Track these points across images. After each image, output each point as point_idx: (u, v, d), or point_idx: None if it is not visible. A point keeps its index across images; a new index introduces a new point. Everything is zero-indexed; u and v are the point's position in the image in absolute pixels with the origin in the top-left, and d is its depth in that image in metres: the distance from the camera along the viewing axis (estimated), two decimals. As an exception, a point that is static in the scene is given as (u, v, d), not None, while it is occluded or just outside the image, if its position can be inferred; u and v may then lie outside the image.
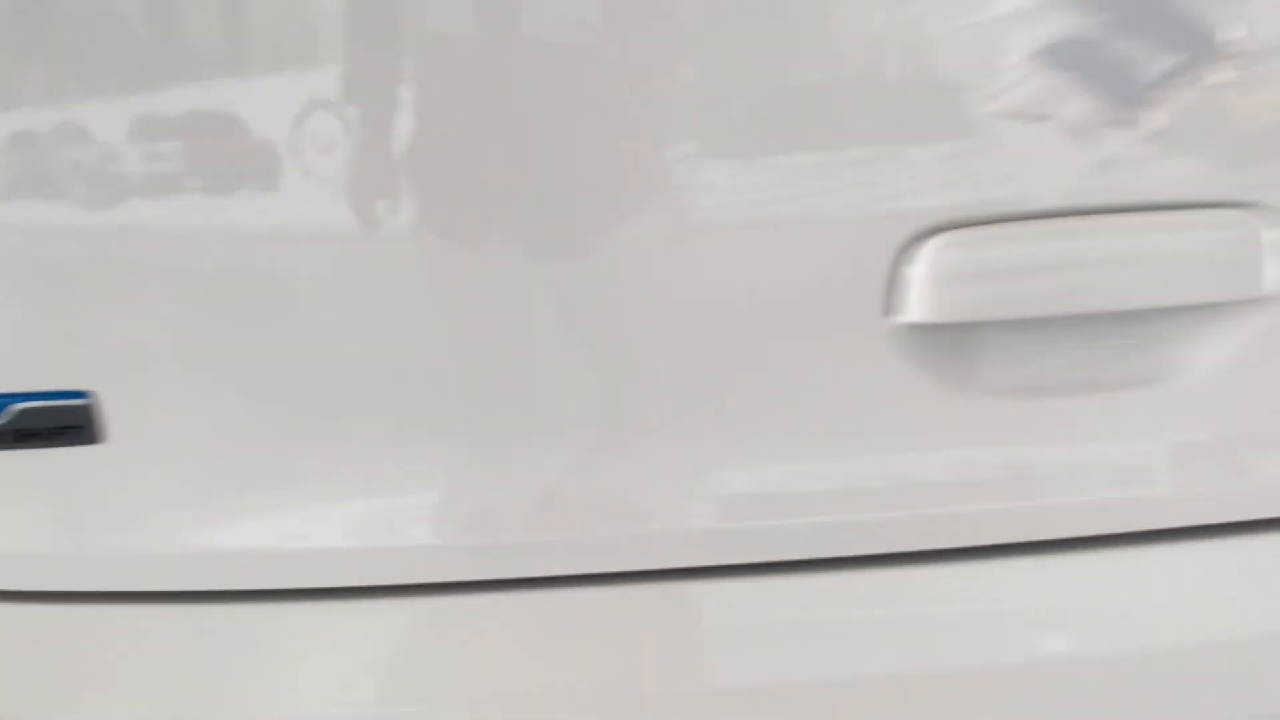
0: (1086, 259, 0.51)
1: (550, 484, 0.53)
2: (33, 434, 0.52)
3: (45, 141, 0.49)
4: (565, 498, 0.54)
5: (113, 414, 0.52)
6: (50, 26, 0.47)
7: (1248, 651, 0.56)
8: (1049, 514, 0.55)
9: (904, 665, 0.55)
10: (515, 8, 0.47)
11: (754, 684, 0.55)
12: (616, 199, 0.49)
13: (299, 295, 0.51)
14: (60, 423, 0.52)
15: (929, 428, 0.53)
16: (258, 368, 0.52)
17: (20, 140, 0.49)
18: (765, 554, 0.55)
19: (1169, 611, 0.56)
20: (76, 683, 0.56)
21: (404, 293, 0.51)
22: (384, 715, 0.56)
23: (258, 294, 0.51)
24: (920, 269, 0.50)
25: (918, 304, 0.50)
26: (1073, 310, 0.51)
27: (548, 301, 0.51)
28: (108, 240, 0.50)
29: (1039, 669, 0.56)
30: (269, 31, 0.48)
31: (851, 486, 0.54)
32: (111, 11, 0.48)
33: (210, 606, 0.56)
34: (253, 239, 0.50)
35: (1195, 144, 0.50)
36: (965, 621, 0.56)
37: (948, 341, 0.53)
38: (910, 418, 0.53)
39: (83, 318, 0.51)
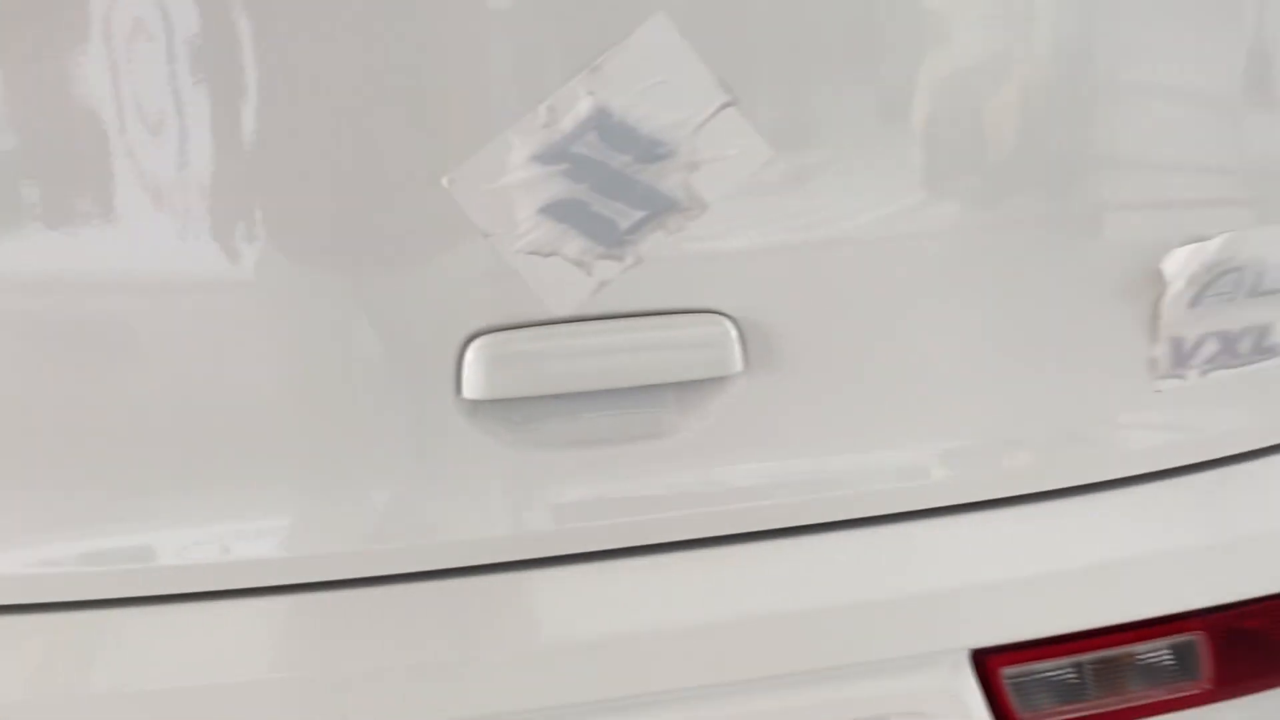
0: (597, 350, 0.71)
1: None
2: None
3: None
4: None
5: None
6: None
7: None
8: (588, 534, 0.76)
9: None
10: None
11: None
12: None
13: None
14: None
15: (493, 475, 0.73)
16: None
17: None
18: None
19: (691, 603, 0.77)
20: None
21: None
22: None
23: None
24: (472, 358, 0.70)
25: (471, 385, 0.70)
26: (588, 388, 0.72)
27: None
28: None
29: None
30: None
31: (435, 522, 0.74)
32: None
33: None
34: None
35: (666, 269, 0.71)
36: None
37: (508, 411, 0.72)
38: (477, 468, 0.73)
39: None
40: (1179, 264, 0.79)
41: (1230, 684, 0.89)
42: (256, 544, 0.74)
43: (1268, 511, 0.88)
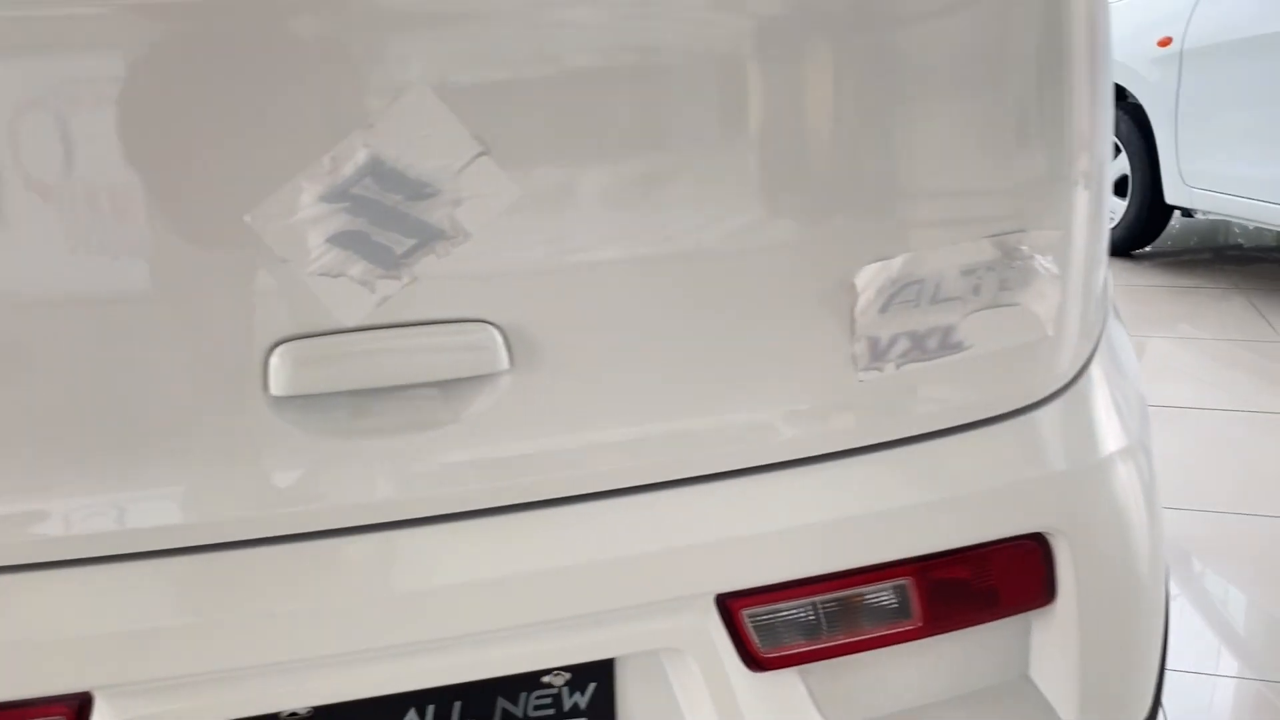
0: (381, 352, 0.87)
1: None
2: None
3: None
4: None
5: None
6: None
7: None
8: (378, 508, 0.92)
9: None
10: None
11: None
12: None
13: None
14: None
15: (297, 460, 0.88)
16: None
17: None
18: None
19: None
20: None
21: None
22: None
23: None
24: (276, 361, 0.85)
25: (276, 384, 0.85)
26: (376, 385, 0.88)
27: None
28: None
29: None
30: None
31: (251, 498, 0.89)
32: None
33: None
34: None
35: (439, 286, 0.87)
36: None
37: (308, 405, 0.88)
38: (284, 454, 0.88)
39: None
40: (868, 278, 0.98)
41: (937, 621, 1.09)
42: (116, 516, 0.89)
43: (963, 478, 1.08)
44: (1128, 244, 4.83)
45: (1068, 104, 1.02)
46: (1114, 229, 4.86)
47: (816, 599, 1.05)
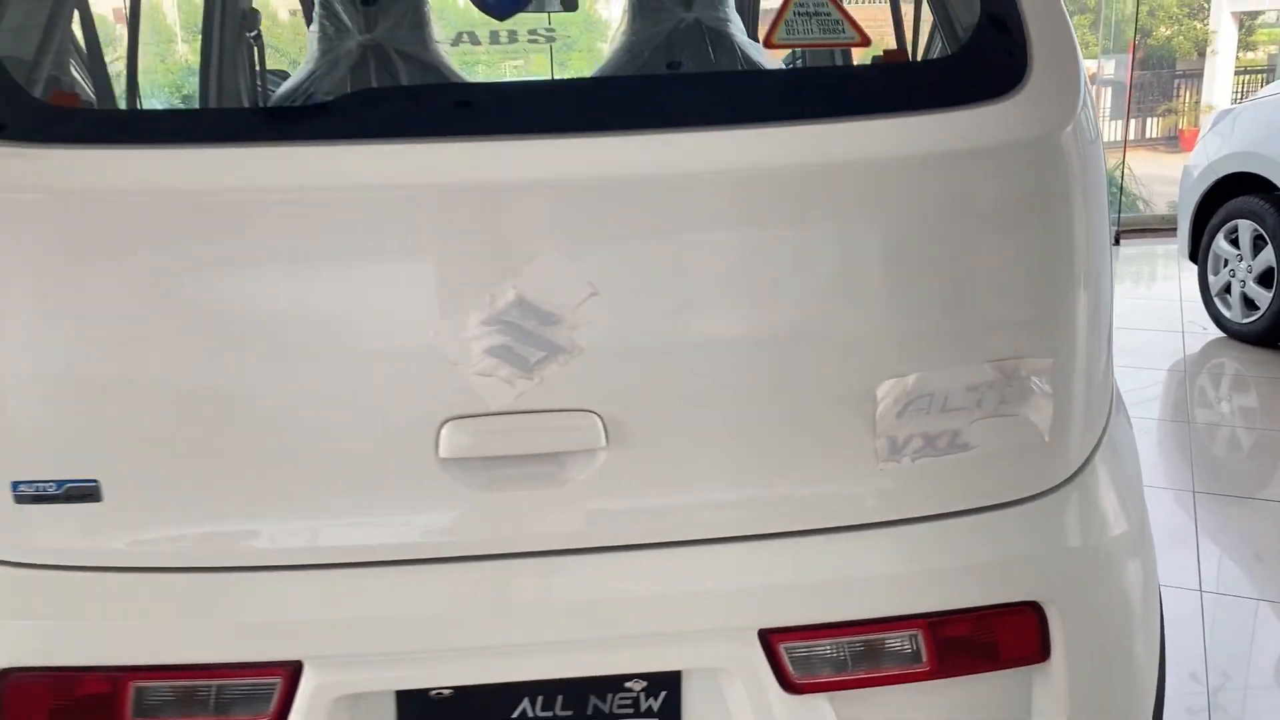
0: (517, 430, 1.22)
1: None
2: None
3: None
4: None
5: None
6: None
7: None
8: (518, 540, 1.27)
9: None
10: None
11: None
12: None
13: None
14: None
15: (459, 503, 1.24)
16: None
17: None
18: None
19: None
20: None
21: None
22: None
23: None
24: (446, 433, 1.21)
25: (445, 449, 1.22)
26: (513, 453, 1.23)
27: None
28: None
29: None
30: None
31: (429, 530, 1.26)
32: None
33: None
34: None
35: (560, 385, 1.22)
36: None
37: (467, 466, 1.24)
38: (450, 500, 1.24)
39: None
40: (886, 389, 1.27)
41: (944, 667, 1.35)
42: (331, 536, 1.27)
43: (968, 552, 1.34)
44: (1273, 335, 4.81)
45: (1057, 260, 1.30)
46: (1258, 320, 4.85)
47: (842, 639, 1.33)
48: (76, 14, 1.79)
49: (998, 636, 1.36)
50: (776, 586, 1.32)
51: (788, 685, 1.33)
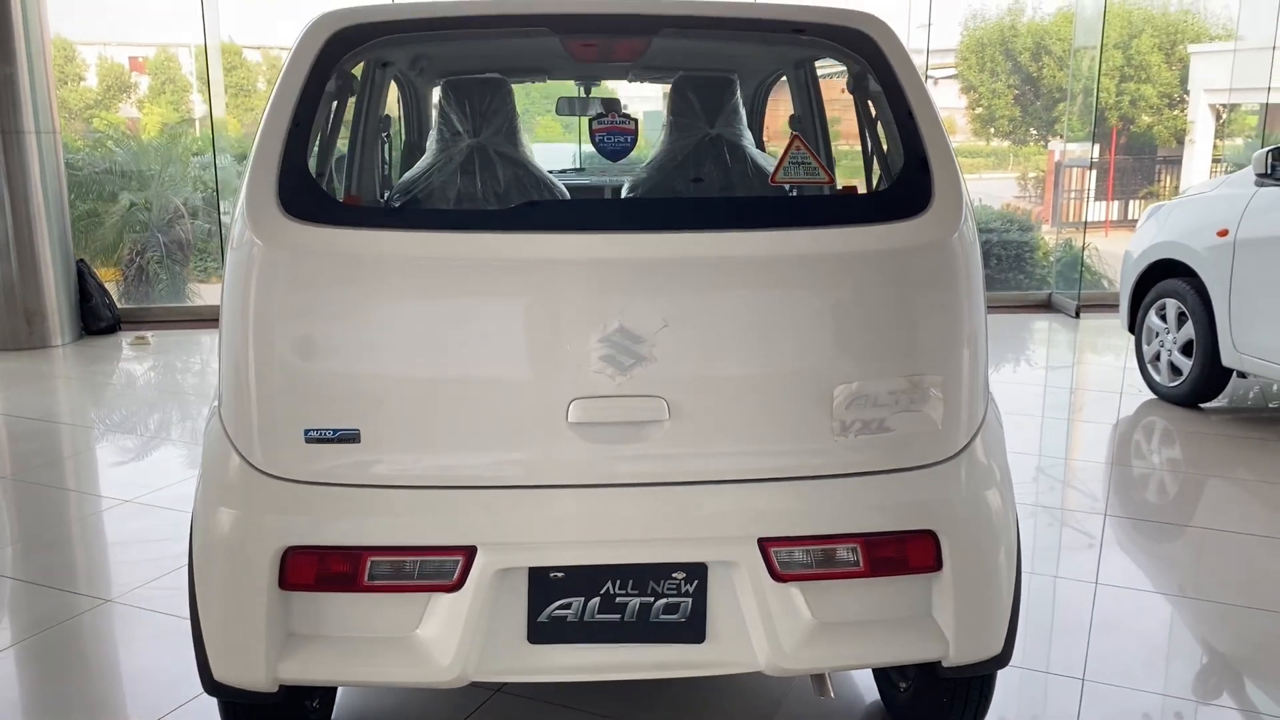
0: (616, 404, 2.02)
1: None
2: None
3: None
4: None
5: None
6: None
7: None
8: (608, 474, 2.06)
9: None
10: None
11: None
12: None
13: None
14: None
15: (582, 453, 2.04)
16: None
17: None
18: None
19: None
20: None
21: None
22: None
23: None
24: (573, 407, 2.01)
25: (572, 417, 2.01)
26: (612, 420, 2.03)
27: None
28: None
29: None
30: None
31: (560, 464, 2.06)
32: None
33: None
34: None
35: (640, 376, 2.03)
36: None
37: (583, 429, 2.03)
38: (575, 454, 2.04)
39: None
40: (839, 392, 2.07)
41: (873, 570, 2.13)
42: (497, 471, 2.06)
43: (889, 496, 2.13)
44: (1193, 398, 5.64)
45: (948, 315, 2.12)
46: (1181, 385, 5.68)
47: (810, 547, 2.12)
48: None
49: (908, 553, 2.15)
50: (770, 511, 2.11)
51: (775, 576, 2.11)
